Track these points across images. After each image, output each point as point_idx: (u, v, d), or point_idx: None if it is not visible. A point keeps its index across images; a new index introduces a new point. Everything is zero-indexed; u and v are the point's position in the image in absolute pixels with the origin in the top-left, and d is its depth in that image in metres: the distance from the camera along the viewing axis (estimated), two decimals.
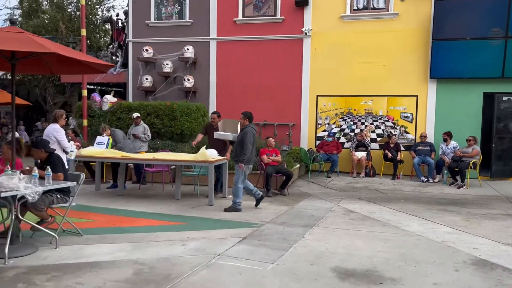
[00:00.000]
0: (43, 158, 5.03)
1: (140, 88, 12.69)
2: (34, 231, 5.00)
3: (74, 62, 4.97)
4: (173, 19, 12.61)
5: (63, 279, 3.74)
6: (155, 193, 8.29)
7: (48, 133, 6.66)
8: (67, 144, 6.78)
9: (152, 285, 3.63)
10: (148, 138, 9.24)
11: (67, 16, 15.79)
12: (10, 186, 4.07)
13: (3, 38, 4.06)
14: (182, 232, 5.45)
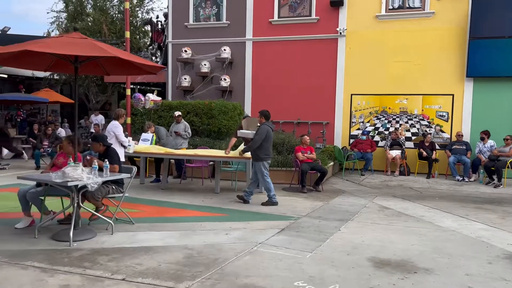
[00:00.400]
0: (101, 151, 5.51)
1: (179, 88, 13.22)
2: (91, 219, 5.51)
3: (127, 64, 5.42)
4: (211, 20, 13.05)
5: (122, 260, 4.17)
6: (195, 188, 8.72)
7: (108, 129, 7.26)
8: (124, 139, 7.40)
9: (202, 268, 3.99)
10: (188, 136, 9.69)
11: (109, 18, 16.54)
12: (75, 176, 4.55)
13: (69, 43, 4.54)
14: (224, 222, 5.82)
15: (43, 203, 5.26)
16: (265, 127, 7.11)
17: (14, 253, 4.31)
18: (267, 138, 7.01)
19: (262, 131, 7.04)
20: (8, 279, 3.65)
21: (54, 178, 4.57)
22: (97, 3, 16.79)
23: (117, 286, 3.52)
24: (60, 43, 4.49)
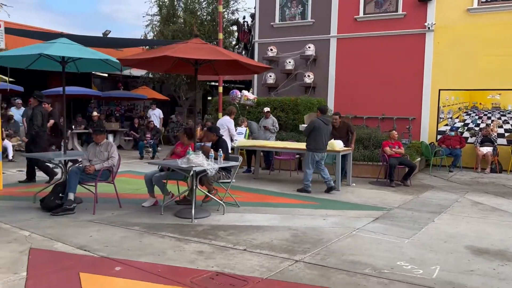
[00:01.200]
0: (214, 140, 6.27)
1: (264, 85, 13.90)
2: (204, 201, 6.29)
3: (236, 64, 6.08)
4: (296, 19, 13.53)
5: (239, 235, 4.83)
6: (283, 178, 9.30)
7: (223, 122, 8.19)
8: (235, 133, 8.33)
9: (309, 245, 4.51)
10: (276, 130, 10.30)
11: (198, 20, 17.70)
12: (198, 162, 5.30)
13: (195, 49, 5.28)
14: (319, 209, 6.30)
15: (165, 186, 6.13)
16: (315, 120, 7.63)
17: (149, 226, 5.16)
18: (316, 131, 7.43)
19: (310, 124, 7.65)
20: (153, 244, 4.45)
21: (180, 163, 5.36)
22: (188, 6, 18.01)
23: (241, 255, 4.16)
24: (188, 49, 5.24)
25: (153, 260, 3.95)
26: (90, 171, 5.75)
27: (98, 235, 4.73)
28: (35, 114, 7.77)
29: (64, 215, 5.53)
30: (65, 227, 5.01)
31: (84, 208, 5.90)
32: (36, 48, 5.69)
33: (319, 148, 7.55)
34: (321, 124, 7.54)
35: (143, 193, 7.03)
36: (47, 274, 3.58)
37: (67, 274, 3.59)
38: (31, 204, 6.14)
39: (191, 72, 6.04)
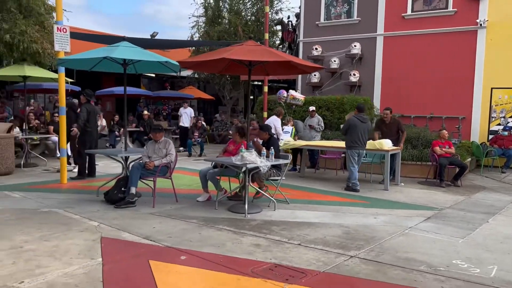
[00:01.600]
0: (266, 139, 6.47)
1: (308, 84, 13.98)
2: (255, 197, 6.50)
3: (287, 65, 6.25)
4: (342, 18, 13.52)
5: (292, 230, 5.00)
6: (329, 177, 9.37)
7: (270, 122, 8.40)
8: (282, 132, 8.52)
9: (362, 242, 4.61)
10: (321, 129, 10.38)
11: (243, 20, 18.01)
12: (251, 160, 5.51)
13: (250, 51, 5.50)
14: (369, 208, 6.35)
15: (219, 182, 6.40)
16: (351, 118, 7.79)
17: (206, 219, 5.43)
18: (352, 129, 7.62)
19: (346, 122, 7.89)
20: (211, 236, 4.71)
21: (235, 160, 5.60)
22: (233, 7, 18.36)
23: (296, 249, 4.33)
24: (244, 51, 5.47)
25: (214, 251, 4.19)
26: (150, 167, 6.11)
27: (160, 226, 5.05)
28: (82, 110, 8.23)
29: (127, 208, 5.91)
30: (129, 219, 5.37)
31: (144, 202, 6.26)
32: (102, 51, 6.11)
33: (356, 146, 7.70)
34: (357, 122, 7.67)
35: (196, 188, 7.37)
36: (120, 261, 3.90)
37: (138, 261, 3.90)
38: (95, 197, 6.59)
39: (244, 73, 6.27)
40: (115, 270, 3.65)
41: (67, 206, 5.97)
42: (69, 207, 5.92)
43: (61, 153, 7.79)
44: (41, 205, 5.99)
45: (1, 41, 8.75)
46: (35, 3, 9.40)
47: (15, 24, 8.77)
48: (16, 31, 8.74)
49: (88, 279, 3.44)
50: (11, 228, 4.83)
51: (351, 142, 7.70)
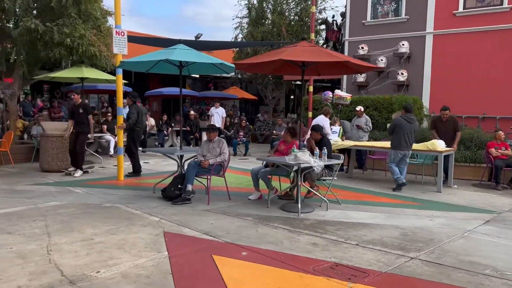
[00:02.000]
0: (318, 139, 6.50)
1: (354, 83, 13.84)
2: (306, 197, 6.55)
3: (340, 65, 6.25)
4: (389, 17, 13.28)
5: (347, 231, 5.01)
6: (378, 178, 9.25)
7: (319, 121, 8.43)
8: (330, 131, 8.54)
9: (421, 244, 4.56)
10: (369, 129, 10.25)
11: (287, 21, 18.05)
12: (305, 159, 5.57)
13: (304, 51, 5.56)
14: (423, 210, 6.24)
15: (270, 181, 6.49)
16: (397, 119, 7.78)
17: (260, 217, 5.54)
18: (397, 129, 7.59)
19: (392, 122, 7.89)
20: (268, 234, 4.81)
21: (288, 160, 5.67)
22: (276, 8, 18.44)
23: (355, 249, 4.34)
24: (299, 51, 5.54)
25: (272, 248, 4.29)
26: (205, 165, 6.30)
27: (217, 223, 5.21)
28: (131, 111, 8.54)
29: (183, 204, 6.13)
30: (187, 215, 5.57)
31: (198, 199, 6.46)
32: (161, 54, 6.36)
33: (401, 146, 7.65)
34: (403, 122, 7.62)
35: (245, 186, 7.52)
36: (184, 254, 4.08)
37: (202, 255, 4.06)
38: (151, 194, 6.87)
39: (296, 73, 6.33)
40: (181, 263, 3.82)
41: (127, 202, 6.26)
42: (129, 202, 6.21)
43: (118, 151, 8.15)
44: (103, 201, 6.32)
45: (62, 45, 9.25)
46: (93, 8, 9.86)
47: (75, 28, 9.25)
48: (76, 35, 9.21)
49: (158, 271, 3.62)
50: (80, 222, 5.14)
51: (396, 143, 7.67)
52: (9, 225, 4.91)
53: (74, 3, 9.33)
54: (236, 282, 3.43)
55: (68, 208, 5.81)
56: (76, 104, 8.68)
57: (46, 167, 8.69)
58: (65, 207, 5.87)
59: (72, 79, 10.95)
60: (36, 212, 5.52)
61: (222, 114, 14.10)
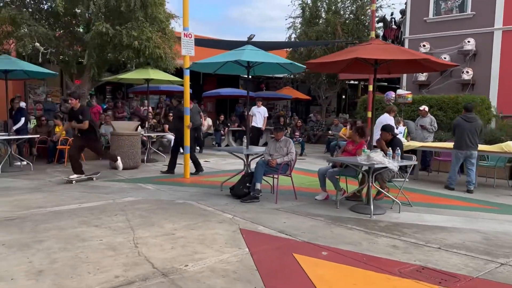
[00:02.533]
0: (388, 139, 6.36)
1: (415, 82, 13.40)
2: (375, 198, 6.42)
3: (413, 63, 6.07)
4: (453, 13, 12.74)
5: (425, 234, 4.86)
6: (444, 181, 8.86)
7: (382, 120, 8.25)
8: (397, 132, 8.34)
9: (508, 249, 4.33)
10: (434, 129, 9.89)
11: (343, 19, 17.81)
12: (378, 160, 5.46)
13: (376, 49, 5.46)
14: (502, 214, 5.94)
15: (338, 182, 6.43)
16: (457, 119, 7.84)
17: (332, 217, 5.50)
18: (457, 129, 7.61)
19: (453, 122, 7.94)
20: (343, 234, 4.77)
21: (360, 160, 5.59)
22: (331, 6, 18.23)
23: (438, 252, 4.21)
24: (374, 49, 5.45)
25: (352, 249, 4.24)
26: (273, 164, 6.35)
27: (289, 222, 5.24)
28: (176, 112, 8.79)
29: (251, 203, 6.21)
30: (257, 213, 5.64)
31: (265, 198, 6.53)
32: (231, 55, 6.49)
33: (461, 146, 7.58)
34: (462, 122, 7.55)
35: (308, 186, 7.52)
36: (265, 251, 4.13)
37: (282, 253, 4.09)
38: (219, 192, 7.02)
39: (367, 71, 6.23)
40: (264, 260, 3.87)
41: (198, 199, 6.44)
42: (201, 199, 6.38)
43: (185, 150, 8.39)
44: (175, 197, 6.53)
45: (130, 47, 9.68)
46: (158, 11, 10.24)
47: (142, 31, 9.65)
48: (143, 37, 9.61)
49: (243, 267, 3.70)
50: (158, 217, 5.34)
51: (457, 142, 7.69)
52: (94, 219, 5.19)
53: (141, 7, 9.73)
54: (323, 281, 3.43)
55: (144, 203, 6.06)
56: (74, 109, 7.65)
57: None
58: (141, 202, 6.13)
59: (137, 80, 11.40)
60: (116, 207, 5.80)
61: (264, 114, 13.47)
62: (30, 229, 4.71)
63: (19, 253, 3.96)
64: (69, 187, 7.22)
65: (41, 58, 9.79)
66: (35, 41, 9.47)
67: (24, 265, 3.66)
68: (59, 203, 5.98)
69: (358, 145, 6.48)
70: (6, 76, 8.82)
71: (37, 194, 6.58)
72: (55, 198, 6.31)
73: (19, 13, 9.55)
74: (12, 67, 8.41)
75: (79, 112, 7.62)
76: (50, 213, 5.42)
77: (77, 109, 7.65)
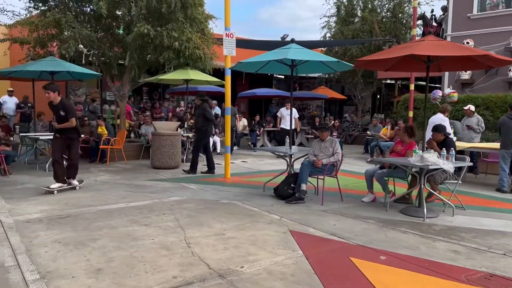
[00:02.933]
0: (440, 140, 6.11)
1: (458, 81, 12.93)
2: (426, 201, 6.17)
3: (467, 59, 5.81)
4: (499, 8, 12.22)
5: (485, 239, 4.61)
6: (494, 183, 8.46)
7: (436, 120, 7.98)
8: (451, 132, 8.09)
9: None
10: (481, 130, 9.48)
11: (379, 17, 17.44)
12: (433, 161, 5.24)
13: (433, 45, 5.24)
14: None
15: (387, 184, 6.23)
16: (502, 118, 7.74)
17: (383, 220, 5.32)
18: (502, 128, 7.54)
19: (498, 121, 7.81)
20: (398, 238, 4.59)
21: (413, 161, 5.39)
22: (367, 5, 17.88)
23: (504, 259, 3.97)
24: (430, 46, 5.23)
25: (410, 253, 4.06)
26: (318, 165, 6.22)
27: (339, 224, 5.09)
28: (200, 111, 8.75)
29: (297, 204, 6.10)
30: (304, 214, 5.53)
31: (310, 199, 6.40)
32: (276, 54, 6.41)
33: (507, 145, 7.53)
34: (507, 121, 7.47)
35: (354, 188, 7.35)
36: (319, 254, 4.01)
37: (338, 256, 3.97)
38: (262, 192, 6.95)
39: (416, 69, 6.02)
40: (321, 264, 3.76)
41: (242, 199, 6.39)
42: (245, 200, 6.32)
43: (226, 149, 8.37)
44: (219, 197, 6.51)
45: (171, 48, 9.75)
46: (197, 12, 10.28)
47: (182, 32, 9.70)
48: (183, 38, 9.65)
49: (300, 270, 3.59)
50: (205, 216, 5.32)
51: (503, 142, 7.60)
52: (143, 218, 5.22)
53: (181, 8, 9.79)
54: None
55: (190, 203, 6.06)
56: (54, 103, 6.58)
57: (158, 164, 9.21)
58: (186, 202, 6.13)
59: (177, 81, 11.50)
60: (163, 206, 5.83)
61: (294, 115, 12.97)
62: (83, 227, 4.77)
63: (76, 251, 4.01)
64: (113, 186, 7.31)
65: (84, 60, 10.01)
66: (79, 43, 9.69)
67: (82, 263, 3.69)
68: (107, 202, 6.06)
69: (407, 145, 6.26)
70: (52, 77, 9.07)
71: (85, 192, 6.70)
72: (102, 197, 6.40)
73: (63, 16, 9.79)
74: (58, 68, 8.64)
75: (60, 107, 6.55)
76: (100, 211, 5.49)
77: (57, 104, 6.55)
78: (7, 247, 4.08)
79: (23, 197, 6.28)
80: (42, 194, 6.48)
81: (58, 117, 6.63)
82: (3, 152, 7.91)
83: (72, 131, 6.71)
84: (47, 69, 8.60)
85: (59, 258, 3.79)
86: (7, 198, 6.18)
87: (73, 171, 6.87)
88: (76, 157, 6.92)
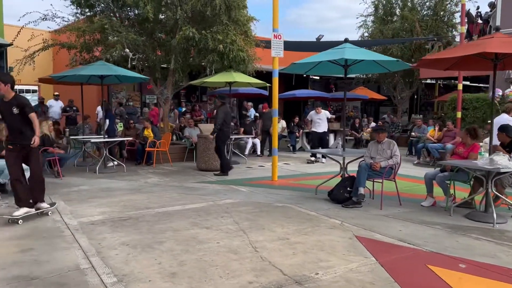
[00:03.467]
0: (506, 141, 5.81)
1: (507, 80, 12.41)
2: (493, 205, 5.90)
3: None
4: None
5: None
6: None
7: (502, 120, 7.64)
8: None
9: None
10: None
11: (420, 16, 16.96)
12: (504, 164, 4.98)
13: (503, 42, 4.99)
14: None
15: (448, 187, 5.98)
16: None
17: (450, 226, 5.09)
18: None
19: None
20: (472, 245, 4.36)
21: (482, 164, 5.14)
22: (407, 3, 17.43)
23: None
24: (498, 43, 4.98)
25: (490, 262, 3.85)
26: (376, 168, 6.04)
27: (405, 230, 4.91)
28: (218, 113, 8.70)
29: (354, 208, 5.95)
30: (365, 219, 5.36)
31: (366, 203, 6.22)
32: (330, 54, 6.28)
33: None
34: None
35: (409, 192, 7.11)
36: (394, 261, 3.86)
37: (414, 263, 3.80)
38: (314, 195, 6.82)
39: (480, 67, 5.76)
40: (399, 272, 3.60)
41: (296, 202, 6.28)
42: (298, 203, 6.21)
43: (273, 152, 8.30)
44: (272, 200, 6.43)
45: (215, 51, 9.77)
46: (240, 14, 10.27)
47: (226, 35, 9.71)
48: (228, 41, 9.66)
49: (379, 278, 3.46)
50: (264, 220, 5.24)
51: None
52: (202, 220, 5.20)
53: (226, 10, 9.80)
54: None
55: (244, 206, 6.00)
56: (5, 100, 5.03)
57: (203, 166, 9.22)
58: (241, 205, 6.08)
59: (219, 83, 11.53)
60: (219, 209, 5.79)
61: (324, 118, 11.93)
62: (146, 229, 4.79)
63: (145, 253, 4.01)
64: (165, 188, 7.35)
65: (130, 64, 10.16)
66: (125, 48, 9.84)
67: (155, 267, 3.68)
68: (163, 204, 6.08)
69: (470, 147, 6.00)
70: (102, 81, 9.25)
71: (139, 195, 6.76)
72: (157, 199, 6.43)
73: (109, 21, 9.98)
74: (108, 72, 8.80)
75: (13, 103, 4.99)
76: (159, 214, 5.51)
77: (11, 100, 5.01)
78: (78, 249, 4.13)
79: (81, 199, 6.39)
80: (98, 197, 6.59)
81: (8, 117, 5.07)
82: (57, 155, 8.10)
83: (22, 136, 5.05)
84: (97, 73, 8.77)
85: (131, 261, 3.80)
86: (66, 200, 6.31)
87: (39, 191, 5.34)
88: (39, 170, 5.34)
